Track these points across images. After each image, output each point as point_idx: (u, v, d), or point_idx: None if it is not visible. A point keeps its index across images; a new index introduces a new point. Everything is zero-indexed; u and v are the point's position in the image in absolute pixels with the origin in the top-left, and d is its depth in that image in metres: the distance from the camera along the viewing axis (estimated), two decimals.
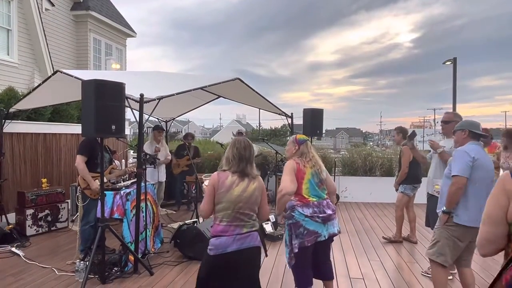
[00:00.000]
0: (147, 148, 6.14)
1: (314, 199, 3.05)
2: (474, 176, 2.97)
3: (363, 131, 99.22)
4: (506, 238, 1.46)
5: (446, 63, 13.95)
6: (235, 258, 2.47)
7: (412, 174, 5.27)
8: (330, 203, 3.16)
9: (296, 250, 2.99)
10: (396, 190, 5.46)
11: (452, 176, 3.00)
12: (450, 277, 3.91)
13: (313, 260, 3.14)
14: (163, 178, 6.73)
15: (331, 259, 3.43)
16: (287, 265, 3.16)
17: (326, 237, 3.02)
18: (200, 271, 2.64)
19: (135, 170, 4.67)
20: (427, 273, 4.10)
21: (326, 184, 3.19)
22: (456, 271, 3.59)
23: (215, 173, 2.61)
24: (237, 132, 8.15)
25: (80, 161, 4.42)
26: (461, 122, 3.31)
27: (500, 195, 1.47)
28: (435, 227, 3.23)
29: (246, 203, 2.50)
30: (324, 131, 7.70)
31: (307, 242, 2.97)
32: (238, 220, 2.50)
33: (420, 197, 5.35)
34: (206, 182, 2.90)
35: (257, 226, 2.58)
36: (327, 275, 3.27)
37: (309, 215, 2.99)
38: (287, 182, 2.98)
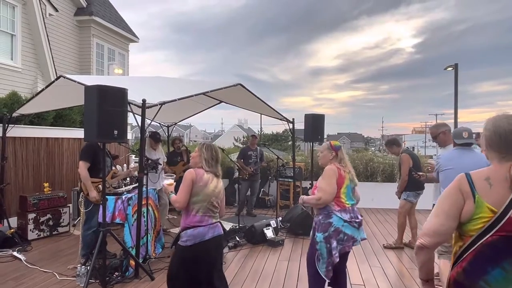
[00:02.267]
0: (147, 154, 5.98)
1: (349, 205, 3.09)
2: (440, 178, 3.48)
3: (365, 136, 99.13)
4: (451, 234, 1.60)
5: (448, 69, 13.97)
6: (212, 244, 2.84)
7: (414, 181, 5.19)
8: (356, 209, 3.24)
9: (338, 259, 2.98)
10: (399, 198, 5.42)
11: None
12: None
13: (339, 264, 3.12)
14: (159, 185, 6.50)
15: None
16: (325, 278, 3.02)
17: (359, 242, 3.14)
18: (173, 268, 2.85)
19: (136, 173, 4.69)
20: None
21: (355, 191, 3.24)
22: None
23: (192, 169, 2.90)
24: (251, 135, 8.22)
25: (82, 167, 4.43)
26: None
27: (457, 195, 1.56)
28: None
29: (216, 198, 2.91)
30: (325, 136, 7.72)
31: (347, 248, 3.05)
32: (210, 211, 2.87)
33: (424, 203, 5.34)
34: (166, 181, 3.02)
35: (217, 218, 2.98)
36: (342, 285, 3.26)
37: (347, 219, 3.03)
38: (325, 189, 3.04)
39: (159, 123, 7.92)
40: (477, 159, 3.29)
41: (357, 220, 3.10)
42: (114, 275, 4.07)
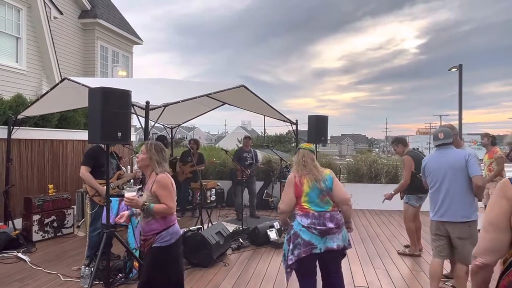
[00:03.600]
0: None
1: (314, 210, 2.95)
2: (428, 181, 3.66)
3: (369, 138, 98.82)
4: (507, 246, 1.44)
5: (452, 70, 13.90)
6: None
7: (415, 184, 5.07)
8: (337, 215, 2.98)
9: (291, 262, 2.94)
10: (386, 198, 5.15)
11: None
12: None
13: (323, 272, 3.09)
14: None
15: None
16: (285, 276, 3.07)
17: (322, 250, 2.89)
18: (153, 272, 2.83)
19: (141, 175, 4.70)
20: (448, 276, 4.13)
21: (332, 194, 3.01)
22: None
23: (166, 176, 2.90)
24: (244, 136, 8.15)
25: (84, 171, 4.54)
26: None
27: (502, 202, 1.45)
28: None
29: None
30: (329, 138, 7.71)
31: (303, 253, 2.90)
32: None
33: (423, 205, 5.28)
34: (128, 194, 2.78)
35: None
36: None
37: (305, 225, 2.92)
38: (282, 199, 3.11)
39: (162, 125, 7.95)
40: (454, 157, 3.49)
41: (318, 227, 2.89)
42: (118, 277, 4.09)
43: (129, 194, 2.76)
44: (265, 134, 31.45)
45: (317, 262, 3.04)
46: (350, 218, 3.11)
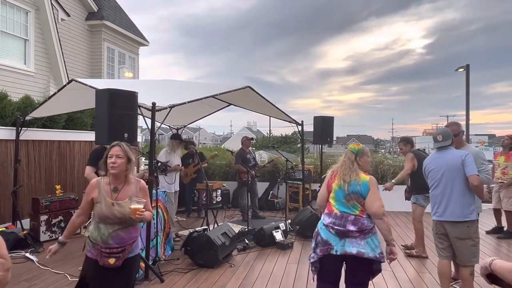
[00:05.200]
0: (164, 156, 5.98)
1: (338, 210, 2.92)
2: (428, 181, 3.72)
3: (375, 138, 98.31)
4: None
5: (459, 70, 13.81)
6: None
7: (422, 183, 5.09)
8: (364, 221, 2.83)
9: (313, 260, 2.93)
10: (386, 188, 5.08)
11: None
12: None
13: (345, 280, 2.97)
14: (177, 187, 6.57)
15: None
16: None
17: (339, 253, 2.81)
18: (133, 280, 2.81)
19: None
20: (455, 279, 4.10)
21: (365, 205, 2.88)
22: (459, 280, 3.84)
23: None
24: (246, 138, 8.06)
25: (89, 172, 4.53)
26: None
27: None
28: None
29: None
30: (335, 139, 7.68)
31: (320, 251, 2.88)
32: None
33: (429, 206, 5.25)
34: (137, 206, 2.62)
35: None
36: None
37: (326, 223, 2.91)
38: (319, 193, 3.14)
39: (168, 126, 7.98)
40: (451, 157, 3.54)
41: (335, 227, 2.83)
42: None
43: (138, 206, 2.57)
44: (271, 135, 31.42)
45: (342, 268, 2.95)
46: (387, 234, 2.86)
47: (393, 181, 5.17)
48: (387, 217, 2.89)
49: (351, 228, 2.81)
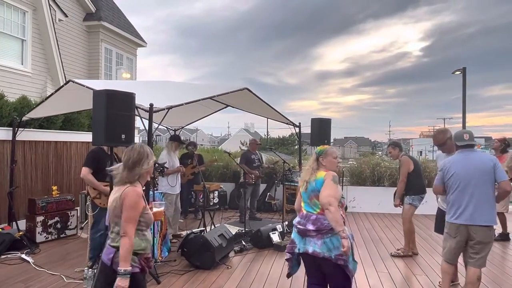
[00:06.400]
0: (166, 157, 5.92)
1: (305, 210, 2.97)
2: (447, 183, 3.52)
3: (372, 140, 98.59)
4: None
5: (456, 73, 13.87)
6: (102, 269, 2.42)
7: (418, 185, 5.15)
8: (324, 221, 2.78)
9: (286, 257, 3.04)
10: (398, 205, 5.24)
11: None
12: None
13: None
14: (179, 189, 6.53)
15: None
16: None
17: (300, 251, 2.88)
18: None
19: None
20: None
21: (314, 197, 2.88)
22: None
23: None
24: (254, 141, 8.03)
25: (86, 173, 4.52)
26: (454, 135, 3.68)
27: None
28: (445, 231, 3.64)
29: (110, 215, 2.41)
30: (332, 140, 7.68)
31: (286, 249, 3.02)
32: (111, 233, 2.44)
33: (426, 208, 5.27)
34: (159, 209, 2.62)
35: (118, 243, 2.33)
36: None
37: (294, 223, 3.03)
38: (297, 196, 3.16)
39: (166, 127, 7.97)
40: (481, 160, 3.42)
41: (298, 226, 2.90)
42: None
43: (160, 209, 2.65)
44: (268, 136, 31.44)
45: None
46: (335, 226, 2.71)
47: (398, 198, 5.26)
48: (335, 207, 2.72)
49: (310, 227, 2.83)
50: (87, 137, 7.28)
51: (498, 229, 6.31)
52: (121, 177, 2.41)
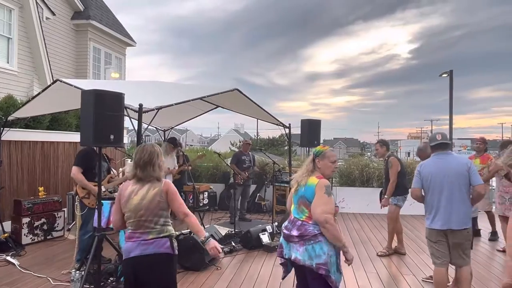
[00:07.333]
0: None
1: (293, 215, 2.83)
2: (425, 186, 3.53)
3: (361, 141, 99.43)
4: None
5: (443, 75, 14.08)
6: (139, 263, 2.52)
7: (402, 185, 5.27)
8: (309, 227, 2.64)
9: (280, 262, 2.98)
10: (385, 205, 5.34)
11: None
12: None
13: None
14: None
15: None
16: None
17: (287, 256, 2.78)
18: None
19: None
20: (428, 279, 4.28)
21: (302, 204, 2.73)
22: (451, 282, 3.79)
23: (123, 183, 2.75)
24: (246, 142, 8.07)
25: (76, 172, 4.47)
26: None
27: None
28: None
29: (147, 210, 2.53)
30: (322, 141, 7.70)
31: (278, 253, 2.94)
32: (142, 227, 2.55)
33: (413, 208, 5.34)
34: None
35: (167, 232, 2.58)
36: None
37: (282, 227, 2.91)
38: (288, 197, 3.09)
39: (155, 128, 7.91)
40: (456, 163, 3.45)
41: (284, 231, 2.79)
42: (109, 281, 4.05)
43: None
44: (258, 137, 31.45)
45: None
46: (335, 242, 2.63)
47: (385, 196, 5.32)
48: (331, 225, 2.57)
49: (294, 233, 2.69)
50: (75, 137, 7.18)
51: (488, 229, 6.45)
52: (154, 173, 2.58)
